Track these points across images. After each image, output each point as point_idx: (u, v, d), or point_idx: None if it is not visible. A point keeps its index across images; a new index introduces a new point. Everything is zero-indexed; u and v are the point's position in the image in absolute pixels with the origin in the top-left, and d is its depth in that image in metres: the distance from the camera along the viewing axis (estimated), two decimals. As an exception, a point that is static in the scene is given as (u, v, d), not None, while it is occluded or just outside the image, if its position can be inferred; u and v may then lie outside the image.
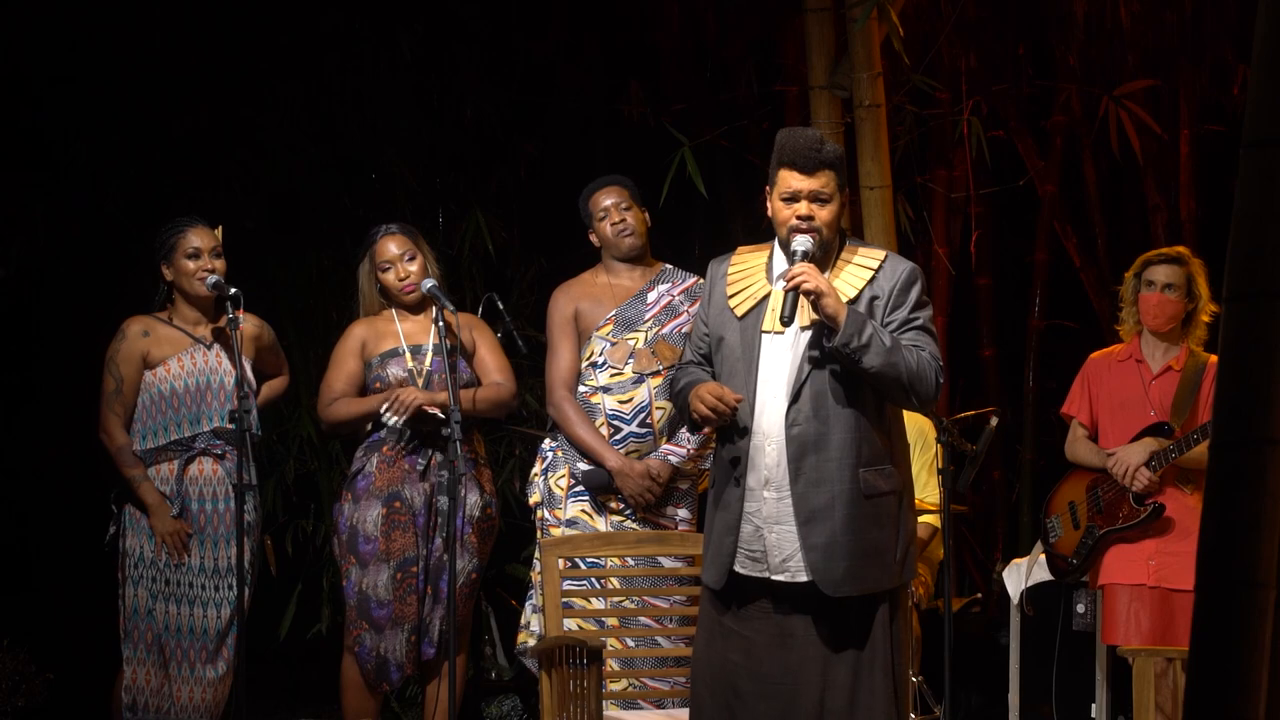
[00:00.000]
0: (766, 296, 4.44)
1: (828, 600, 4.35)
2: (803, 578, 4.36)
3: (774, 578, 4.38)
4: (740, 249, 4.60)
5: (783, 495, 4.36)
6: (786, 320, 4.30)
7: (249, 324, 6.02)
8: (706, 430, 4.86)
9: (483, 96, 8.24)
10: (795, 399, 4.35)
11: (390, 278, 6.00)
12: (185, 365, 5.90)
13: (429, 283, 5.95)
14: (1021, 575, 6.81)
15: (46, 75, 7.52)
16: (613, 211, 5.93)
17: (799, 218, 4.37)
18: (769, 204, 4.46)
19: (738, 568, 4.42)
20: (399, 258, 6.00)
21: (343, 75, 8.00)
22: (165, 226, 5.96)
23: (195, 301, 5.94)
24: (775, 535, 4.37)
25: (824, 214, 4.38)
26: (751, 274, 4.50)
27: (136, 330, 5.93)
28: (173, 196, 7.16)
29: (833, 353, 4.31)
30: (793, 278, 4.29)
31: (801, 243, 4.36)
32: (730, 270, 4.53)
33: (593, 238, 6.01)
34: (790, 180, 4.38)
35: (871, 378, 4.32)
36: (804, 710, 4.34)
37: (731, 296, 4.48)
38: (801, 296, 4.30)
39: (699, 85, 8.70)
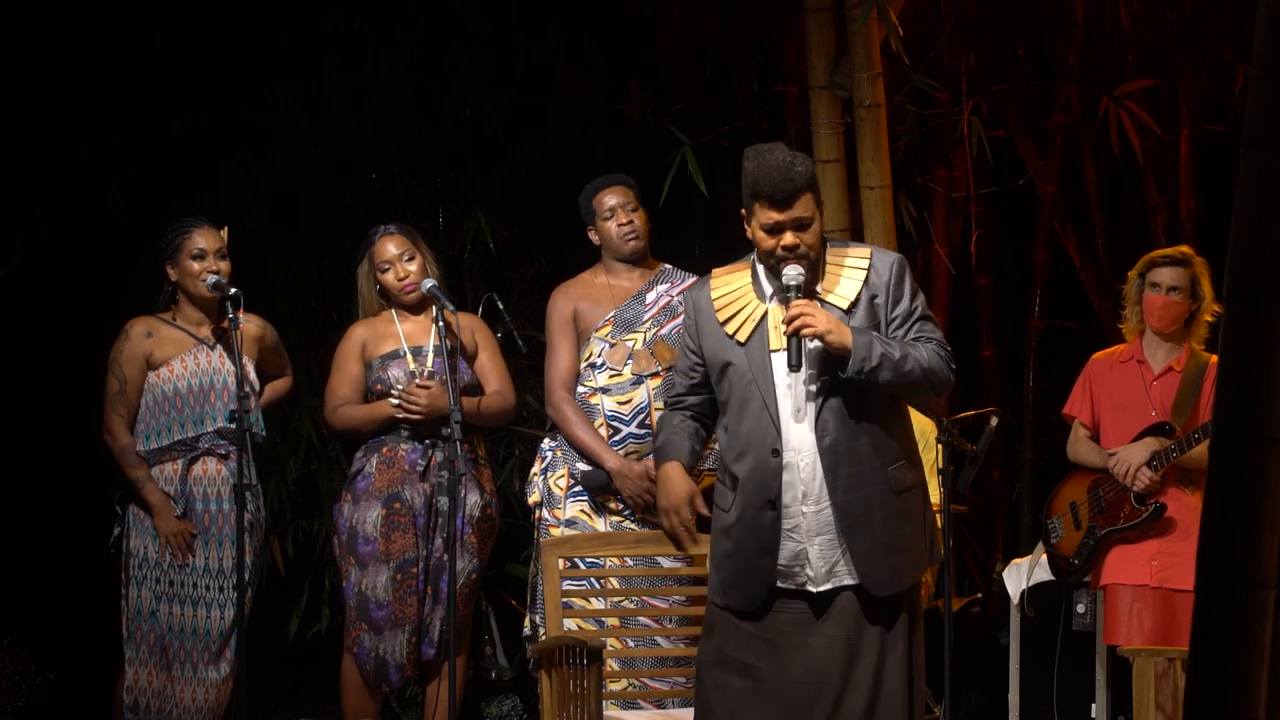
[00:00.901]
0: (764, 316, 4.40)
1: (848, 600, 4.36)
2: (848, 581, 4.37)
3: (820, 590, 4.37)
4: (715, 271, 4.53)
5: (821, 507, 4.35)
6: (795, 366, 4.27)
7: (252, 325, 6.02)
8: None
9: (483, 96, 8.25)
10: (820, 412, 4.33)
11: (389, 278, 6.00)
12: (189, 366, 5.91)
13: (429, 283, 5.95)
14: (1022, 575, 6.81)
15: (46, 75, 7.52)
16: (619, 213, 5.92)
17: (785, 248, 4.31)
18: (748, 229, 4.40)
19: (780, 584, 4.40)
20: (398, 258, 5.99)
21: (343, 75, 8.00)
22: (171, 227, 5.96)
23: (199, 302, 5.94)
24: (817, 547, 4.36)
25: (808, 237, 4.33)
26: (739, 296, 4.45)
27: (140, 331, 5.93)
28: (173, 196, 7.16)
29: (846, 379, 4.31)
30: (792, 322, 4.25)
31: (793, 276, 4.30)
32: (714, 295, 4.47)
33: (592, 235, 5.99)
34: (769, 214, 4.31)
35: (888, 388, 4.33)
36: (821, 711, 4.34)
37: (726, 323, 4.43)
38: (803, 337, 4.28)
39: (699, 85, 8.70)
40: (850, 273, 4.40)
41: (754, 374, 4.37)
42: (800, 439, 4.35)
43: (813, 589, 4.37)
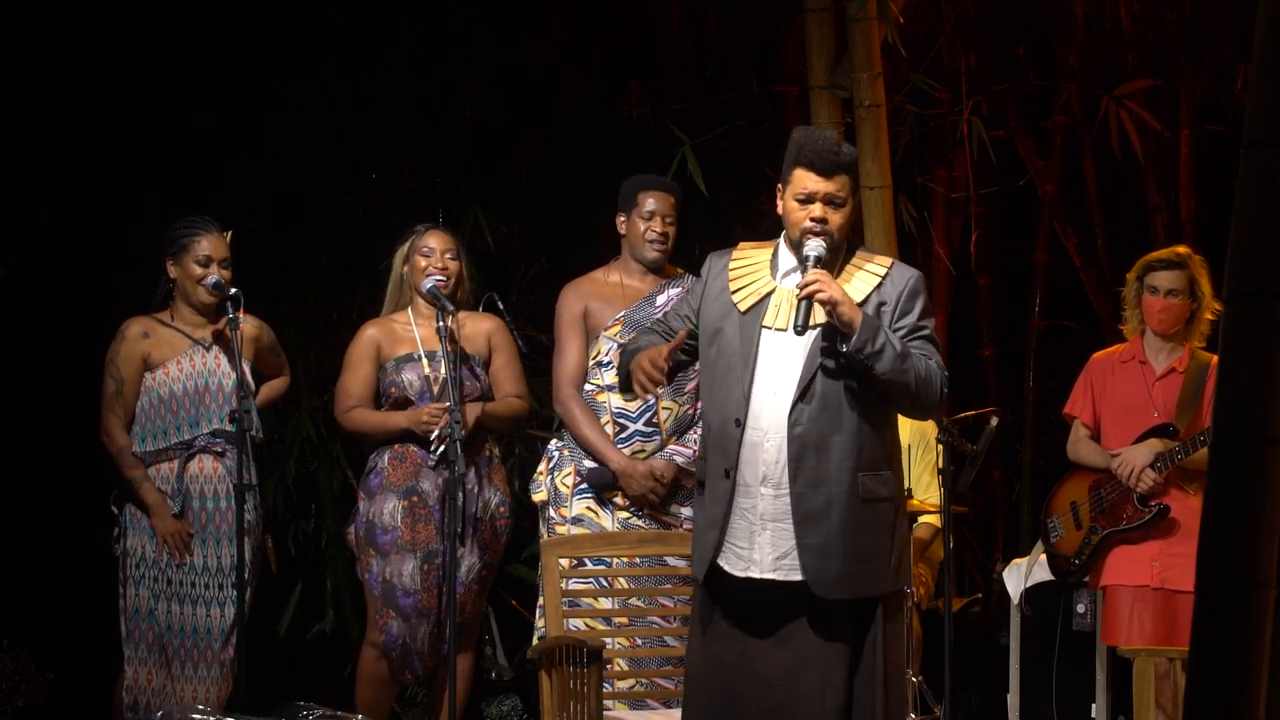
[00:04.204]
0: (770, 294, 4.43)
1: (823, 601, 4.35)
2: (796, 577, 4.34)
3: (764, 576, 4.37)
4: (742, 244, 4.57)
5: (780, 493, 4.34)
6: (800, 330, 4.27)
7: (249, 325, 6.01)
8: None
9: (483, 96, 8.24)
10: (800, 398, 4.33)
11: (424, 264, 5.98)
12: (185, 368, 5.91)
13: (429, 282, 5.94)
14: (1021, 575, 6.81)
15: (47, 75, 7.51)
16: (658, 219, 5.90)
17: (812, 219, 4.35)
18: (780, 202, 4.44)
19: (725, 566, 4.40)
20: (441, 252, 5.99)
21: (343, 75, 8.00)
22: (179, 224, 5.96)
23: (195, 304, 5.95)
24: (770, 533, 4.36)
25: (837, 218, 4.36)
26: (755, 270, 4.48)
27: (136, 332, 5.93)
28: (173, 196, 7.16)
29: (845, 357, 4.30)
30: (806, 286, 4.27)
31: (813, 248, 4.33)
32: (733, 264, 4.51)
33: (620, 223, 5.96)
34: (806, 181, 4.35)
35: (881, 384, 4.31)
36: (801, 710, 4.34)
37: (735, 290, 4.46)
38: (814, 303, 4.29)
39: (699, 85, 8.70)
40: (866, 276, 4.42)
41: (740, 343, 4.39)
42: (771, 420, 4.34)
43: (757, 574, 4.36)
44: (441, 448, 5.84)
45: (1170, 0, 8.10)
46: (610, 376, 5.86)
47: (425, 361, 5.96)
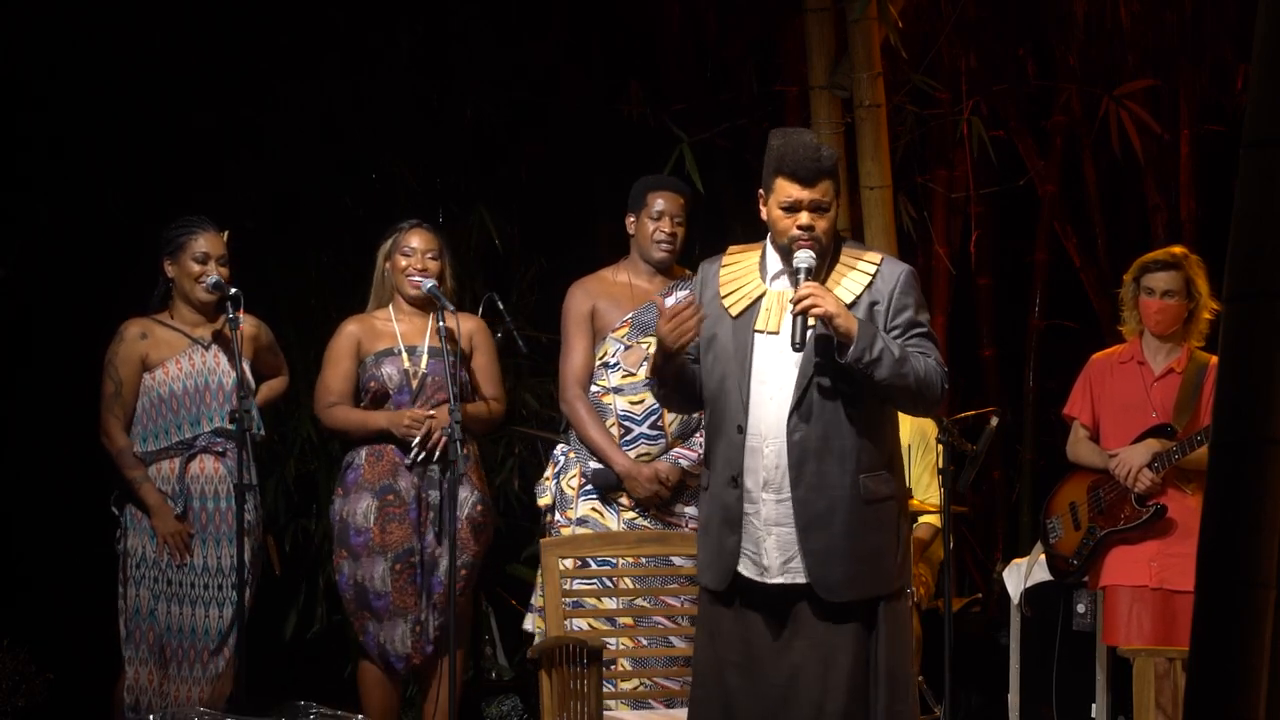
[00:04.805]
0: (761, 296, 4.42)
1: (827, 603, 4.35)
2: (802, 580, 4.35)
3: (772, 581, 4.37)
4: (731, 248, 4.57)
5: (782, 498, 4.34)
6: (799, 346, 4.26)
7: (247, 324, 6.01)
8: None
9: (483, 96, 8.25)
10: (798, 404, 4.33)
11: (404, 264, 5.98)
12: (184, 367, 5.91)
13: (429, 283, 5.95)
14: (1021, 575, 6.81)
15: (46, 75, 7.51)
16: (666, 220, 5.90)
17: (800, 228, 4.34)
18: (764, 209, 4.43)
19: (742, 570, 4.40)
20: (422, 252, 5.99)
21: (343, 75, 8.00)
22: (175, 223, 5.96)
23: (195, 302, 5.95)
24: (775, 538, 4.36)
25: (823, 223, 4.35)
26: (745, 273, 4.47)
27: (135, 333, 5.93)
28: (173, 196, 7.16)
29: (844, 365, 4.30)
30: (800, 301, 4.25)
31: (804, 259, 4.32)
32: (723, 269, 4.51)
33: (630, 223, 5.95)
34: (790, 190, 4.34)
35: (881, 388, 4.31)
36: (802, 712, 4.34)
37: (725, 296, 4.46)
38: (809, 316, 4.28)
39: (699, 85, 8.70)
40: (856, 274, 4.41)
41: (734, 349, 4.38)
42: (770, 425, 4.34)
43: (768, 580, 4.37)
44: (421, 454, 5.86)
45: (1170, 0, 8.10)
46: (617, 378, 5.86)
47: (405, 356, 5.96)
